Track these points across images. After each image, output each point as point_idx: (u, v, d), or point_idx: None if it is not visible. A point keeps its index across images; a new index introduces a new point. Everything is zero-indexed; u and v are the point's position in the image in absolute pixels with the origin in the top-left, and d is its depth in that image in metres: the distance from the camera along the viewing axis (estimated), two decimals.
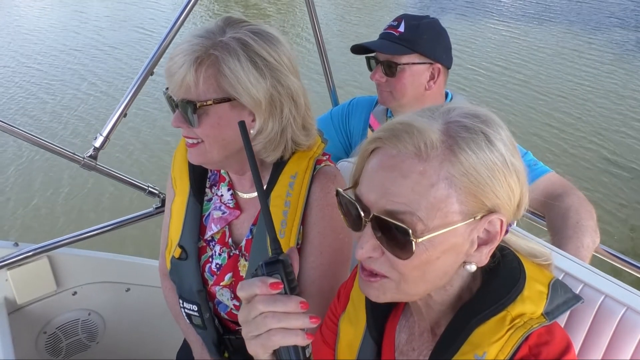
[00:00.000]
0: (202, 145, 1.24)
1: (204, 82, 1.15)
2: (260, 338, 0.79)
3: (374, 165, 0.81)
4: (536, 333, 0.82)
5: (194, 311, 1.41)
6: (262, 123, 1.22)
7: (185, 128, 1.22)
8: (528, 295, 0.85)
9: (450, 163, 0.76)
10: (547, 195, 1.69)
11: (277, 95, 1.20)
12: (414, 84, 1.85)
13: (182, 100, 1.17)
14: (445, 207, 0.76)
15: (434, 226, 0.77)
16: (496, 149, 0.78)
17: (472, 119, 0.80)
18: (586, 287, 1.09)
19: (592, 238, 1.54)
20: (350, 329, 1.05)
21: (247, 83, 1.16)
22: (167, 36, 1.94)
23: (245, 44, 1.17)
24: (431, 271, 0.81)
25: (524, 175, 0.83)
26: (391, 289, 0.84)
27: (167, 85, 1.22)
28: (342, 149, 2.10)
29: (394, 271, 0.82)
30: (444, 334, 0.88)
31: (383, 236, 0.80)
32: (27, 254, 1.88)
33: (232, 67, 1.15)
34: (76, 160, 1.89)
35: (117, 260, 2.16)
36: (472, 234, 0.80)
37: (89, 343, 2.16)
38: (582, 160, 6.12)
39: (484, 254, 0.83)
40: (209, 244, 1.41)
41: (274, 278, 0.80)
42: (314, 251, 1.30)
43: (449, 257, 0.81)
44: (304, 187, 1.29)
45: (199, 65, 1.14)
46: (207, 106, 1.17)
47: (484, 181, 0.77)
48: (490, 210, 0.79)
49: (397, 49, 1.81)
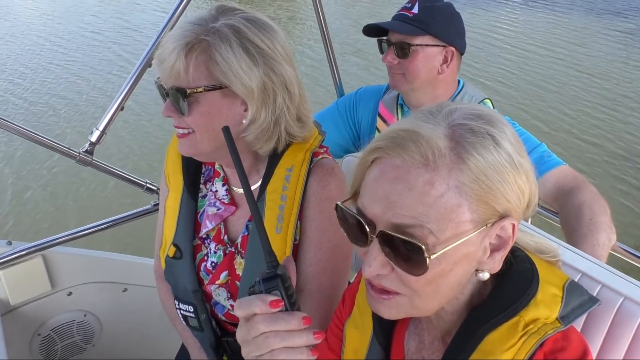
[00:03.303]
0: (193, 135, 1.23)
1: (194, 69, 1.15)
2: (262, 358, 0.78)
3: (376, 176, 0.79)
4: (551, 339, 0.80)
5: (190, 312, 1.41)
6: (254, 112, 1.21)
7: (175, 117, 1.22)
8: (542, 299, 0.83)
9: (460, 170, 0.74)
10: (558, 190, 1.69)
11: (270, 84, 1.20)
12: (427, 67, 1.85)
13: (172, 88, 1.17)
14: (456, 217, 0.75)
15: (446, 238, 0.75)
16: (503, 150, 0.77)
17: (477, 120, 0.78)
18: (604, 289, 1.07)
19: (608, 235, 1.53)
20: (357, 334, 1.04)
21: (239, 70, 1.15)
22: (166, 26, 1.94)
23: (238, 31, 1.17)
24: (445, 284, 0.80)
25: (532, 173, 0.81)
26: (405, 306, 0.82)
27: (158, 73, 1.22)
28: (350, 140, 2.10)
29: (406, 287, 0.80)
30: (454, 341, 0.86)
31: (392, 252, 0.77)
32: (20, 252, 1.88)
33: (224, 53, 1.14)
34: (71, 156, 1.89)
35: (113, 259, 2.16)
36: (484, 241, 0.79)
37: (84, 345, 2.16)
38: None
39: (497, 260, 0.81)
40: (204, 241, 1.41)
41: (273, 295, 0.79)
42: (312, 247, 1.29)
43: (462, 268, 0.80)
44: (300, 180, 1.28)
45: (190, 51, 1.14)
46: (198, 94, 1.17)
47: (494, 186, 0.75)
48: (502, 215, 0.78)
49: (411, 29, 1.82)
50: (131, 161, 5.92)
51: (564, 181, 1.70)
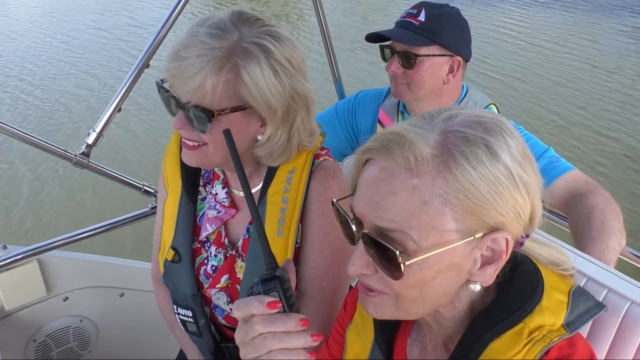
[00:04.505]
0: (205, 148, 1.22)
1: (221, 89, 1.13)
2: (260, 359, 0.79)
3: (367, 176, 0.80)
4: (557, 346, 0.79)
5: (189, 317, 1.40)
6: (272, 131, 1.21)
7: (187, 131, 1.20)
8: (547, 305, 0.82)
9: (445, 180, 0.73)
10: (569, 194, 1.67)
11: (293, 106, 1.20)
12: (433, 77, 1.82)
13: (196, 107, 1.14)
14: (440, 226, 0.74)
15: (428, 246, 0.74)
16: (500, 162, 0.75)
17: (475, 127, 0.76)
18: (611, 293, 1.06)
19: (618, 240, 1.51)
20: (358, 340, 1.03)
21: (267, 93, 1.14)
22: (163, 27, 1.94)
23: (267, 50, 1.14)
24: (428, 291, 0.80)
25: (535, 187, 0.79)
26: (390, 306, 0.82)
27: (171, 83, 1.17)
28: (348, 145, 2.08)
29: (390, 289, 0.80)
30: (457, 349, 0.85)
31: (375, 253, 0.78)
32: (15, 257, 1.87)
33: (253, 75, 1.13)
34: (68, 158, 1.89)
35: (110, 263, 2.15)
36: (473, 252, 0.78)
37: (80, 352, 2.15)
38: None
39: (488, 273, 0.80)
40: (204, 245, 1.40)
41: (271, 296, 0.80)
42: (314, 250, 1.29)
43: (448, 277, 0.79)
44: (302, 183, 1.28)
45: (220, 71, 1.12)
46: (223, 115, 1.15)
47: (484, 198, 0.74)
48: (494, 228, 0.76)
49: (418, 39, 1.78)
50: (130, 162, 5.92)
51: (576, 186, 1.68)
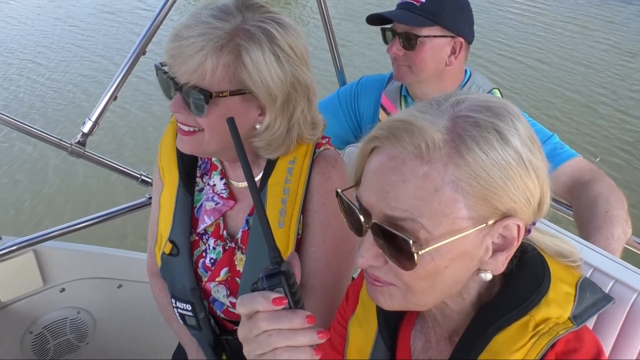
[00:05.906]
0: (201, 134, 1.21)
1: (222, 71, 1.12)
2: (265, 357, 0.78)
3: (374, 166, 0.79)
4: (563, 339, 0.79)
5: (188, 311, 1.40)
6: (271, 119, 1.20)
7: (184, 114, 1.19)
8: (553, 297, 0.82)
9: (456, 165, 0.73)
10: (573, 182, 1.67)
11: (294, 94, 1.19)
12: (435, 59, 1.82)
13: (194, 87, 1.13)
14: (452, 213, 0.74)
15: (440, 234, 0.74)
16: (510, 146, 0.75)
17: (484, 112, 0.76)
18: (617, 284, 1.07)
19: (623, 229, 1.51)
20: (361, 332, 1.03)
21: (268, 78, 1.14)
22: (160, 13, 1.92)
23: (270, 35, 1.14)
24: (440, 281, 0.79)
25: (545, 172, 0.79)
26: (399, 297, 0.82)
27: (170, 64, 1.17)
28: (350, 132, 2.08)
29: (399, 281, 0.80)
30: (461, 341, 0.85)
31: (385, 244, 0.77)
32: (11, 248, 1.87)
33: (254, 58, 1.12)
34: (63, 147, 1.88)
35: (108, 254, 2.15)
36: (485, 239, 0.78)
37: (78, 343, 2.16)
38: None
39: (500, 260, 0.80)
40: (202, 237, 1.40)
41: (276, 292, 0.79)
42: (316, 241, 1.29)
43: (460, 265, 0.79)
44: (303, 172, 1.27)
45: (221, 51, 1.11)
46: (222, 97, 1.14)
47: (496, 184, 0.74)
48: (505, 214, 0.76)
49: (418, 20, 1.79)
50: (126, 151, 5.91)
51: (580, 173, 1.68)
